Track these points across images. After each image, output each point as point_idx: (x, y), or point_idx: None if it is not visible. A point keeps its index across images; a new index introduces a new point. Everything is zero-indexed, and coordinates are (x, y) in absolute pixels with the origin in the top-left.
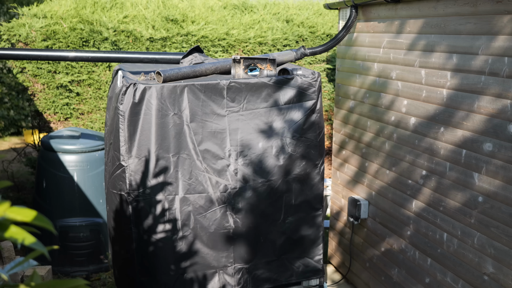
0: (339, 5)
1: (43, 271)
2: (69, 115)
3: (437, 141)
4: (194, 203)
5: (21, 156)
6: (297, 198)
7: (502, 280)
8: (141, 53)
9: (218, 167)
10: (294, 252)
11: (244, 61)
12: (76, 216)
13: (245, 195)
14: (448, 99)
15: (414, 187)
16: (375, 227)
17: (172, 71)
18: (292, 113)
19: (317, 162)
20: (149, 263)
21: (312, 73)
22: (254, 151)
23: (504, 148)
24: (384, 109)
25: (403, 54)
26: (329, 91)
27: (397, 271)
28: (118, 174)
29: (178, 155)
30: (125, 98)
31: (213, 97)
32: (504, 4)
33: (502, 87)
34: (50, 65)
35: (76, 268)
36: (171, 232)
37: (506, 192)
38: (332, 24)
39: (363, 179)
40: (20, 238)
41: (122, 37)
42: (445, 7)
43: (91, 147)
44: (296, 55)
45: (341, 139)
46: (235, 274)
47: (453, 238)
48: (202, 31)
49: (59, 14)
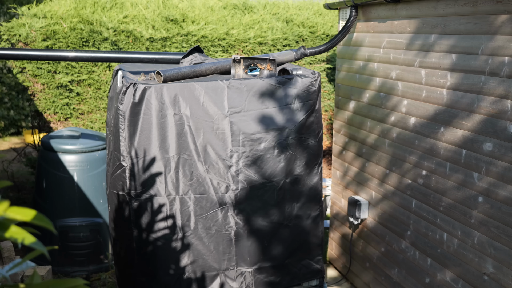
0: (339, 5)
1: (43, 271)
2: (69, 115)
3: (437, 141)
4: (195, 204)
5: (21, 156)
6: (297, 198)
7: (502, 280)
8: (141, 53)
9: (220, 168)
10: (295, 253)
11: (244, 61)
12: (76, 216)
13: (246, 196)
14: (448, 99)
15: (414, 187)
16: (375, 227)
17: (172, 71)
18: (293, 113)
19: (316, 162)
20: (149, 264)
21: (312, 73)
22: (255, 152)
23: (504, 148)
24: (384, 109)
25: (403, 54)
26: (329, 91)
27: (397, 271)
28: (118, 174)
29: (179, 156)
30: (125, 98)
31: (214, 97)
32: (504, 4)
33: (502, 87)
34: (50, 65)
35: (76, 268)
36: (171, 233)
37: (506, 192)
38: (332, 24)
39: (363, 179)
40: (20, 238)
41: (122, 37)
42: (445, 7)
43: (91, 147)
44: (296, 55)
45: (341, 139)
46: (237, 277)
47: (453, 238)
48: (202, 31)
49: (59, 14)
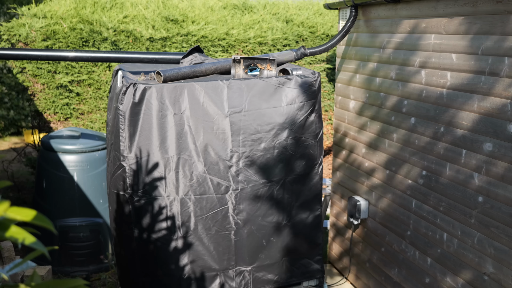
0: (339, 5)
1: (43, 271)
2: (69, 115)
3: (437, 141)
4: (195, 204)
5: (21, 156)
6: (297, 198)
7: (502, 280)
8: (141, 53)
9: (220, 168)
10: (295, 252)
11: (244, 61)
12: (76, 216)
13: (246, 196)
14: (448, 99)
15: (414, 187)
16: (375, 227)
17: (172, 71)
18: (293, 113)
19: (316, 162)
20: (149, 264)
21: (312, 73)
22: (255, 152)
23: (504, 148)
24: (384, 109)
25: (403, 54)
26: (329, 91)
27: (397, 271)
28: (118, 174)
29: (179, 156)
30: (125, 98)
31: (214, 97)
32: (504, 4)
33: (502, 87)
34: (50, 65)
35: (76, 268)
36: (171, 233)
37: (506, 192)
38: (332, 24)
39: (363, 179)
40: (20, 238)
41: (122, 37)
42: (445, 7)
43: (91, 147)
44: (296, 55)
45: (341, 139)
46: (236, 277)
47: (453, 238)
48: (202, 31)
49: (59, 14)
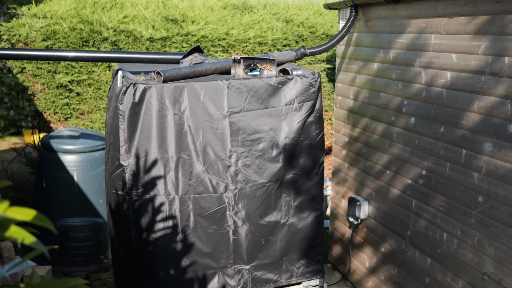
0: (339, 5)
1: (43, 271)
2: (69, 115)
3: (437, 141)
4: (194, 204)
5: (21, 156)
6: (297, 198)
7: (502, 280)
8: (141, 53)
9: (219, 168)
10: (294, 252)
11: (244, 61)
12: (76, 216)
13: (245, 196)
14: (448, 99)
15: (414, 187)
16: (375, 227)
17: (172, 71)
18: (292, 113)
19: (316, 162)
20: (148, 263)
21: (312, 73)
22: (254, 152)
23: (504, 148)
24: (384, 109)
25: (403, 54)
26: (329, 91)
27: (397, 271)
28: (117, 174)
29: (179, 156)
30: (125, 98)
31: (214, 97)
32: (504, 4)
33: (502, 87)
34: (50, 65)
35: (76, 268)
36: (170, 232)
37: (506, 192)
38: (332, 24)
39: (363, 179)
40: (20, 238)
41: (122, 37)
42: (445, 7)
43: (91, 147)
44: (296, 55)
45: (341, 139)
46: (235, 275)
47: (453, 238)
48: (202, 31)
49: (59, 14)
